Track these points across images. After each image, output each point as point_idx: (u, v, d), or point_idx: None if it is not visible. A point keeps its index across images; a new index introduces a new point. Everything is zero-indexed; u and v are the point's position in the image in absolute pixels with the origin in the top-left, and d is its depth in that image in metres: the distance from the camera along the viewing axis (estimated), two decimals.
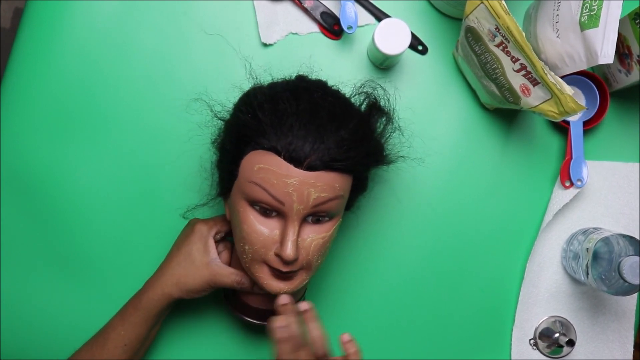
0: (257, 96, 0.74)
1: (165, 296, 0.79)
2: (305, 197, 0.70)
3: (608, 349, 0.94)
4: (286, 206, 0.71)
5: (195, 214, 0.91)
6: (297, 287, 0.75)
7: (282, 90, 0.74)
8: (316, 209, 0.72)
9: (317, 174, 0.70)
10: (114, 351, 0.79)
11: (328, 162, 0.70)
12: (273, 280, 0.74)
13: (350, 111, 0.75)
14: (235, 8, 0.93)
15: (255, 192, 0.71)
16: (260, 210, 0.73)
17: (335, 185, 0.72)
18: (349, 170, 0.73)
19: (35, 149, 0.91)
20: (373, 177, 0.93)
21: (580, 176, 0.91)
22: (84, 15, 0.91)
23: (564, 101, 0.78)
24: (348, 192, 0.75)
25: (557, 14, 0.82)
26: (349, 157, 0.72)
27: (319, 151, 0.70)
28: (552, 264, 0.94)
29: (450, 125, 0.94)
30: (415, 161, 0.93)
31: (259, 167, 0.71)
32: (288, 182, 0.70)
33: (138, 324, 0.79)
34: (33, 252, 0.90)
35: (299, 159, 0.69)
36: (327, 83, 0.79)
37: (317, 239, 0.73)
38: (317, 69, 0.93)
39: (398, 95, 0.94)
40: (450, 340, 0.93)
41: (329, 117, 0.72)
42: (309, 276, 0.76)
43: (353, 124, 0.73)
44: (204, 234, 0.80)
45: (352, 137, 0.72)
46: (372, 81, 0.89)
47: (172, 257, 0.80)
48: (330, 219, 0.74)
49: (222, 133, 0.78)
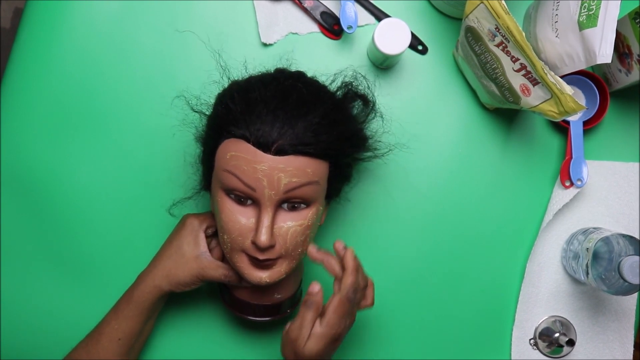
0: (233, 88, 0.75)
1: (156, 289, 0.80)
2: (276, 182, 0.71)
3: (608, 349, 0.94)
4: (257, 192, 0.71)
5: (183, 208, 0.91)
6: (279, 276, 0.75)
7: (255, 81, 0.75)
8: (288, 194, 0.72)
9: (286, 159, 0.71)
10: (109, 346, 0.79)
11: (296, 146, 0.71)
12: (253, 269, 0.75)
13: (322, 96, 0.75)
14: (235, 8, 0.93)
15: (229, 180, 0.72)
16: (235, 199, 0.74)
17: (307, 170, 0.72)
18: (321, 155, 0.73)
19: (34, 149, 0.91)
20: (371, 178, 0.93)
21: (580, 176, 0.91)
22: (84, 15, 0.92)
23: (564, 101, 0.78)
24: (325, 179, 0.75)
25: (556, 14, 0.82)
26: (319, 141, 0.72)
27: (286, 135, 0.70)
28: (552, 264, 0.94)
29: (450, 125, 0.94)
30: (415, 161, 0.93)
31: (231, 154, 0.72)
32: (258, 167, 0.70)
33: (131, 317, 0.80)
34: (32, 252, 0.91)
35: (266, 144, 0.70)
36: (304, 73, 0.80)
37: (294, 227, 0.74)
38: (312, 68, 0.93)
39: (398, 95, 0.94)
40: (450, 340, 0.93)
41: (298, 102, 0.72)
42: (290, 265, 0.76)
43: (323, 108, 0.73)
44: (194, 228, 0.81)
45: (322, 121, 0.72)
46: (354, 70, 0.89)
47: (164, 251, 0.81)
48: (307, 206, 0.75)
49: (204, 128, 0.79)
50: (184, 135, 0.92)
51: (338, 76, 0.83)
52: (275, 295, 0.82)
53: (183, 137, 0.92)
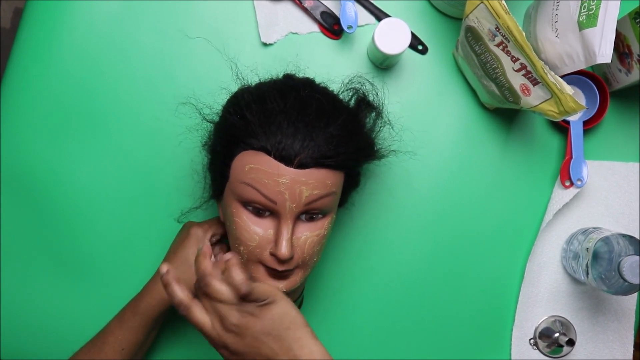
0: (245, 96, 0.74)
1: (164, 301, 0.79)
2: (298, 195, 0.70)
3: (608, 349, 0.94)
4: (279, 205, 0.70)
5: (190, 217, 0.91)
6: (294, 285, 0.75)
7: (269, 89, 0.74)
8: (309, 206, 0.72)
9: (308, 172, 0.70)
10: (112, 355, 0.79)
11: (318, 159, 0.70)
12: (269, 279, 0.74)
13: (339, 107, 0.75)
14: (235, 8, 0.93)
15: (248, 193, 0.71)
16: (253, 211, 0.73)
17: (326, 182, 0.72)
18: (340, 167, 0.73)
19: (34, 149, 0.91)
20: (373, 178, 0.93)
21: (580, 176, 0.91)
22: (84, 15, 0.92)
23: (564, 101, 0.78)
24: (340, 189, 0.75)
25: (556, 14, 0.82)
26: (339, 153, 0.71)
27: (308, 148, 0.70)
28: (552, 264, 0.94)
29: (450, 125, 0.94)
30: (415, 162, 0.93)
31: (250, 167, 0.71)
32: (279, 181, 0.70)
33: (136, 328, 0.79)
34: (32, 252, 0.91)
35: (289, 157, 0.69)
36: (314, 80, 0.79)
37: (312, 237, 0.73)
38: (313, 68, 0.92)
39: (398, 95, 0.94)
40: (450, 340, 0.93)
41: (317, 113, 0.72)
42: (305, 274, 0.76)
43: (342, 120, 0.73)
44: (199, 238, 0.80)
45: (341, 133, 0.72)
46: (360, 76, 0.89)
47: (169, 262, 0.80)
48: (323, 216, 0.74)
49: (212, 135, 0.78)
50: (184, 135, 0.92)
51: (347, 84, 0.82)
52: None
53: (183, 137, 0.92)
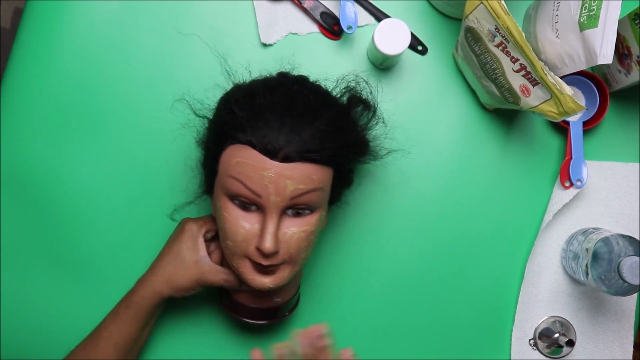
0: (236, 93, 0.75)
1: (156, 294, 0.79)
2: (282, 189, 0.71)
3: (608, 349, 0.94)
4: (263, 199, 0.71)
5: (183, 213, 0.91)
6: (281, 281, 0.75)
7: (260, 85, 0.75)
8: (294, 201, 0.72)
9: (293, 166, 0.71)
10: (107, 350, 0.79)
11: (303, 153, 0.70)
12: (256, 274, 0.75)
13: (328, 102, 0.75)
14: (235, 8, 0.93)
15: (234, 186, 0.72)
16: (239, 205, 0.73)
17: (312, 177, 0.72)
18: (327, 162, 0.73)
19: (34, 149, 0.91)
20: (370, 177, 0.93)
21: (580, 176, 0.91)
22: (84, 15, 0.92)
23: (563, 101, 0.78)
24: (329, 185, 0.75)
25: (557, 14, 0.82)
26: (325, 148, 0.72)
27: (294, 142, 0.70)
28: (552, 264, 0.94)
29: (450, 125, 0.94)
30: (415, 162, 0.93)
31: (237, 161, 0.71)
32: (264, 174, 0.70)
33: (130, 322, 0.80)
34: (32, 252, 0.91)
35: (273, 150, 0.70)
36: (308, 78, 0.79)
37: (298, 233, 0.74)
38: (312, 68, 0.93)
39: (398, 95, 0.94)
40: (450, 340, 0.93)
41: (305, 108, 0.72)
42: (293, 271, 0.76)
43: (329, 115, 0.73)
44: (194, 233, 0.80)
45: (328, 128, 0.72)
46: (356, 75, 0.89)
47: (163, 256, 0.81)
48: (311, 212, 0.74)
49: (205, 131, 0.79)
50: (184, 135, 0.92)
51: (341, 82, 0.83)
52: (275, 299, 0.82)
53: (183, 137, 0.92)
